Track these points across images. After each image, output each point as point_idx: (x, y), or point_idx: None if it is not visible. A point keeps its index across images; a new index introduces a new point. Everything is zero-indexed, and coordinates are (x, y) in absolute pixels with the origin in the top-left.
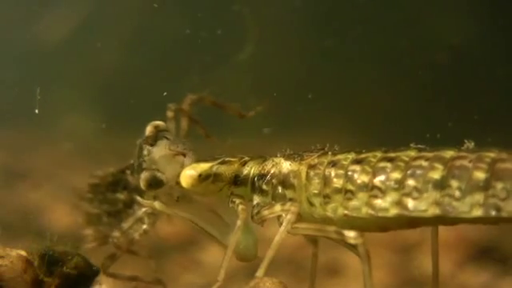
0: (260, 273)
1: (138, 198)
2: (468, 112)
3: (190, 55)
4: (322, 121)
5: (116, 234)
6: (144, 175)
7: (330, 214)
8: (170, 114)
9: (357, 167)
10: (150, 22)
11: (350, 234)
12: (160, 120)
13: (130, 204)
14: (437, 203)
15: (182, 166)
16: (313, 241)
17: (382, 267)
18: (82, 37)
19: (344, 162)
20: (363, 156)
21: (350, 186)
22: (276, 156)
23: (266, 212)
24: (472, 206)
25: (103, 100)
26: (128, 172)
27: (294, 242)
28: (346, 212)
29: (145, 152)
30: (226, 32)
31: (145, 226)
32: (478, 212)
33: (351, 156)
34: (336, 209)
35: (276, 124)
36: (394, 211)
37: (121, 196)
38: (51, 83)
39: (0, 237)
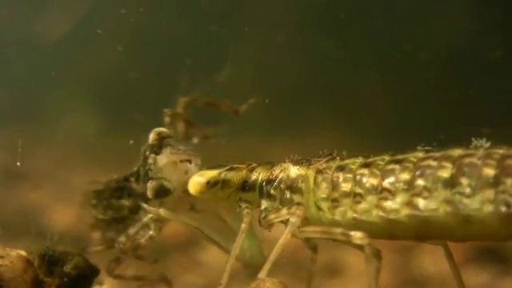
0: (262, 274)
1: (144, 205)
2: (469, 113)
3: (190, 56)
4: (320, 123)
5: (122, 239)
6: (151, 185)
7: (338, 218)
8: (166, 119)
9: (365, 171)
10: (151, 22)
11: (357, 235)
12: (158, 125)
13: (135, 210)
14: (447, 201)
15: (188, 173)
16: (312, 247)
17: (383, 267)
18: (81, 36)
19: (352, 166)
20: (371, 160)
21: (358, 190)
22: (284, 161)
23: (272, 216)
24: (483, 203)
25: (103, 100)
26: (132, 179)
27: (295, 242)
28: (355, 215)
29: (150, 160)
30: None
31: (151, 232)
32: (488, 208)
33: (359, 160)
34: (345, 213)
35: (276, 126)
36: (404, 212)
37: (126, 202)
38: (51, 83)
39: (0, 237)
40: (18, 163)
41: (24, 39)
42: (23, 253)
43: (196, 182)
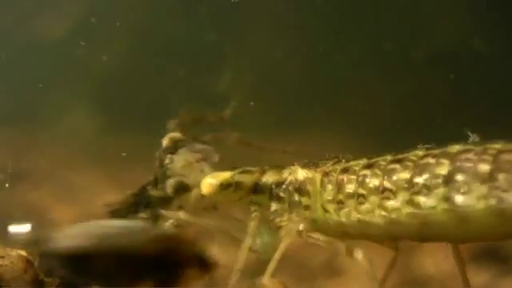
0: (265, 277)
1: (163, 211)
2: (468, 112)
3: (190, 56)
4: (320, 123)
5: None
6: (170, 182)
7: (343, 219)
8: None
9: (367, 171)
10: (152, 22)
11: (359, 256)
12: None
13: (154, 221)
14: (445, 198)
15: (204, 172)
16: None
17: (383, 267)
18: (82, 36)
19: (355, 168)
20: (374, 160)
21: (361, 191)
22: (293, 164)
23: (277, 220)
24: (478, 199)
25: (103, 100)
26: (149, 188)
27: (295, 242)
28: (359, 216)
29: (167, 161)
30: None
31: None
32: (483, 204)
33: (363, 162)
34: (349, 214)
35: (276, 126)
36: (406, 210)
37: (143, 216)
38: (51, 83)
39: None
40: (7, 184)
41: (24, 39)
42: (23, 253)
43: (209, 183)
